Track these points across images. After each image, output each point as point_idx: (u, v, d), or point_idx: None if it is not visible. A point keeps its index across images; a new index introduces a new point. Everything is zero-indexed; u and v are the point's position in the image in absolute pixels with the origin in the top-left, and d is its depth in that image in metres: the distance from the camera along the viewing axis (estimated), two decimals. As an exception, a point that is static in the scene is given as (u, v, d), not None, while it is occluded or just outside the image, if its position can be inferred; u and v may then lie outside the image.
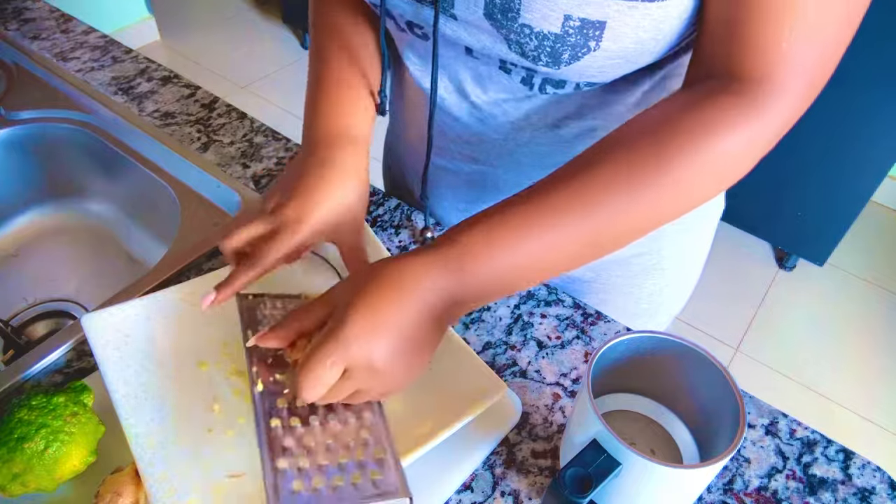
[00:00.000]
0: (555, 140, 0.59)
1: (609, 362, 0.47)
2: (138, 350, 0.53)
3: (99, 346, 0.52)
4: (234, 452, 0.48)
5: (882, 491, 0.53)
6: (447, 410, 0.50)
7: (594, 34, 0.45)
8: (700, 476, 0.42)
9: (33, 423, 0.48)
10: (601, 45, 0.45)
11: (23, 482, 0.48)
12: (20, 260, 0.87)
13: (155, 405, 0.50)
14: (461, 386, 0.52)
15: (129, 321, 0.54)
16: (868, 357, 1.84)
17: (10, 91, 0.90)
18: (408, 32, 0.55)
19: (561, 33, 0.45)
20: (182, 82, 0.93)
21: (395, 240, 0.72)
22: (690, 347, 0.45)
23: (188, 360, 0.54)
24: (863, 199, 1.76)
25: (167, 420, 0.49)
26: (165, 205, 0.79)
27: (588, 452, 0.42)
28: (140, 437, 0.48)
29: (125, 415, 0.49)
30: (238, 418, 0.51)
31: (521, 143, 0.60)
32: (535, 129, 0.59)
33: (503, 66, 0.53)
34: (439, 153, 0.67)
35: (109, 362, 0.51)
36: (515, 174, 0.63)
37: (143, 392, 0.51)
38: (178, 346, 0.54)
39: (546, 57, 0.47)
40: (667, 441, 0.51)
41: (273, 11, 3.06)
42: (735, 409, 0.42)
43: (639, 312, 0.75)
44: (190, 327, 0.55)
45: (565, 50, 0.46)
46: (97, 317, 0.54)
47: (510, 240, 0.43)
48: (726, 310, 1.92)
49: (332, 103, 0.57)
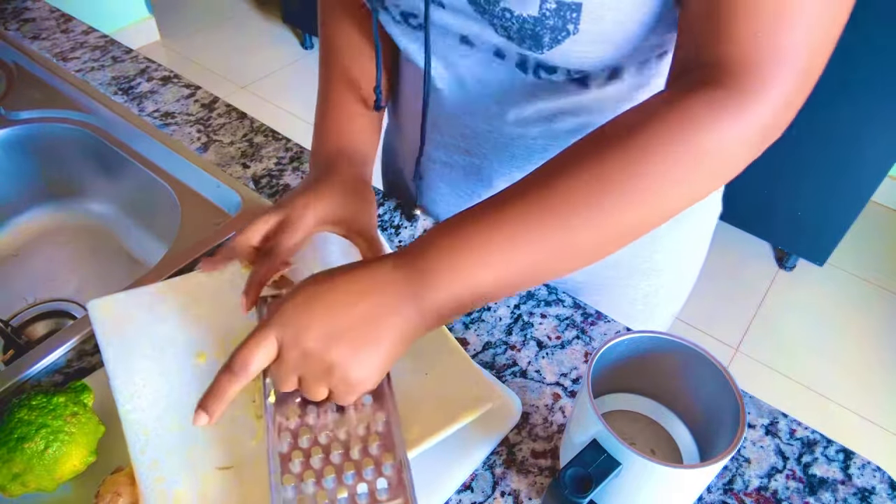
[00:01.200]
0: (548, 134, 0.59)
1: (609, 362, 0.47)
2: (140, 338, 0.54)
3: (102, 331, 0.53)
4: (225, 445, 0.49)
5: (882, 491, 0.53)
6: (437, 416, 0.49)
7: (571, 16, 0.45)
8: (700, 476, 0.42)
9: (33, 423, 0.49)
10: (580, 28, 0.46)
11: (23, 482, 0.48)
12: (20, 260, 0.87)
13: (152, 393, 0.51)
14: (453, 391, 0.51)
15: (133, 308, 0.55)
16: (868, 357, 1.84)
17: (10, 91, 0.90)
18: (403, 24, 0.56)
19: (539, 16, 0.45)
20: (182, 82, 0.93)
21: (395, 240, 0.72)
22: (690, 347, 0.45)
23: (188, 350, 0.54)
24: (863, 199, 1.76)
25: (162, 409, 0.50)
26: (165, 205, 0.79)
27: (588, 452, 0.42)
28: (134, 424, 0.49)
29: (122, 401, 0.50)
30: (233, 411, 0.51)
31: (514, 136, 0.61)
32: (529, 122, 0.59)
33: (498, 52, 0.53)
34: (434, 145, 0.67)
35: (111, 348, 0.53)
36: (508, 167, 0.64)
37: (141, 380, 0.51)
38: (180, 336, 0.55)
39: (529, 40, 0.47)
40: (667, 441, 0.51)
41: (273, 11, 3.06)
42: (735, 409, 0.42)
43: (634, 314, 0.74)
44: (193, 318, 0.56)
45: (545, 33, 0.46)
46: (102, 303, 0.55)
47: (472, 266, 0.41)
48: (726, 310, 1.92)
49: (337, 126, 0.60)
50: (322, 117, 0.62)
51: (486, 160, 0.64)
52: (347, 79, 0.62)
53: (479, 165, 0.66)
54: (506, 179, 0.65)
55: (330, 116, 0.61)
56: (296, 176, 0.79)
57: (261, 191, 0.77)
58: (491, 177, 0.66)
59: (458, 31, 0.53)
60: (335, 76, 0.62)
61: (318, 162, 0.59)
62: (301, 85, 2.65)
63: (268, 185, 0.78)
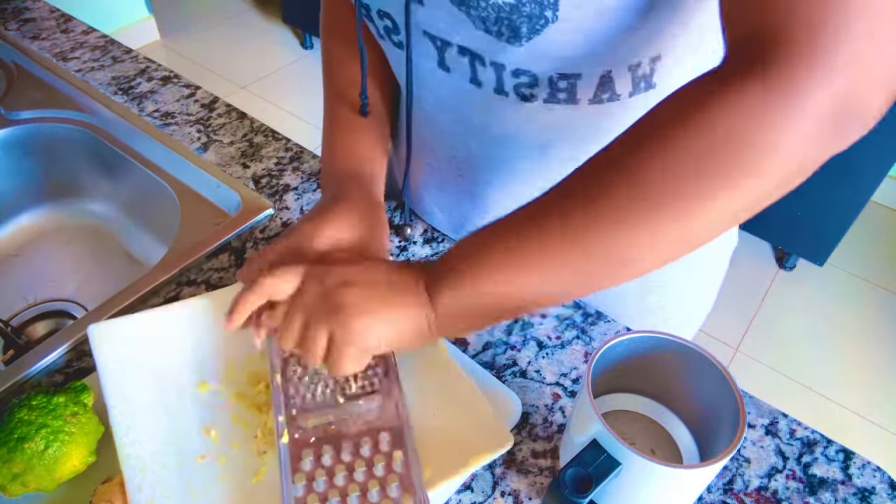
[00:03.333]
0: (542, 161, 0.57)
1: (609, 362, 0.47)
2: (141, 364, 0.52)
3: (102, 358, 0.51)
4: (224, 483, 0.48)
5: (882, 491, 0.53)
6: (449, 459, 0.47)
7: (549, 2, 0.42)
8: (700, 476, 0.42)
9: (33, 423, 0.48)
10: (559, 16, 0.43)
11: (23, 482, 0.48)
12: (20, 260, 0.87)
13: (150, 425, 0.49)
14: (466, 434, 0.49)
15: (135, 333, 0.53)
16: (868, 357, 1.84)
17: (10, 91, 0.90)
18: (386, 40, 0.55)
19: (515, 2, 0.42)
20: (182, 82, 0.93)
21: (396, 240, 0.72)
22: (690, 347, 0.45)
23: (190, 379, 0.53)
24: (863, 199, 1.76)
25: (161, 443, 0.49)
26: (165, 205, 0.79)
27: (588, 452, 0.42)
28: (131, 459, 0.47)
29: (120, 433, 0.48)
30: (233, 445, 0.50)
31: (504, 159, 0.58)
32: (521, 147, 0.56)
33: (473, 79, 0.51)
34: (428, 169, 0.65)
35: (111, 376, 0.51)
36: (501, 193, 0.62)
37: (140, 410, 0.50)
38: (182, 363, 0.53)
39: (506, 30, 0.45)
40: (667, 441, 0.51)
41: (273, 11, 3.06)
42: (735, 409, 0.42)
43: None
44: (196, 344, 0.54)
45: (522, 22, 0.44)
46: (104, 327, 0.53)
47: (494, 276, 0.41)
48: (726, 310, 1.92)
49: (343, 144, 0.60)
50: (329, 135, 0.61)
51: (479, 185, 0.62)
52: (347, 92, 0.61)
53: (472, 191, 0.63)
54: (502, 208, 0.62)
55: (337, 135, 0.60)
56: (296, 176, 0.79)
57: (261, 191, 0.77)
58: (486, 204, 0.64)
59: (435, 32, 0.49)
60: (336, 91, 0.61)
61: (328, 185, 0.58)
62: (301, 85, 2.65)
63: (268, 185, 0.78)
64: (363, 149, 0.60)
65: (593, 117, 0.52)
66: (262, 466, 0.49)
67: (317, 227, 0.51)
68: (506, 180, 0.60)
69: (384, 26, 0.53)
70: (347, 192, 0.55)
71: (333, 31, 0.63)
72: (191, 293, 0.66)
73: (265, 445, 0.50)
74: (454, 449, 0.48)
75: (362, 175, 0.58)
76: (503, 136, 0.56)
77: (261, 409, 0.52)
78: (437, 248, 0.72)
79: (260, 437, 0.50)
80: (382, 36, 0.55)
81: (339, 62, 0.62)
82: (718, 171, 0.35)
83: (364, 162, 0.59)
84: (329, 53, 0.63)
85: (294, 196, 0.76)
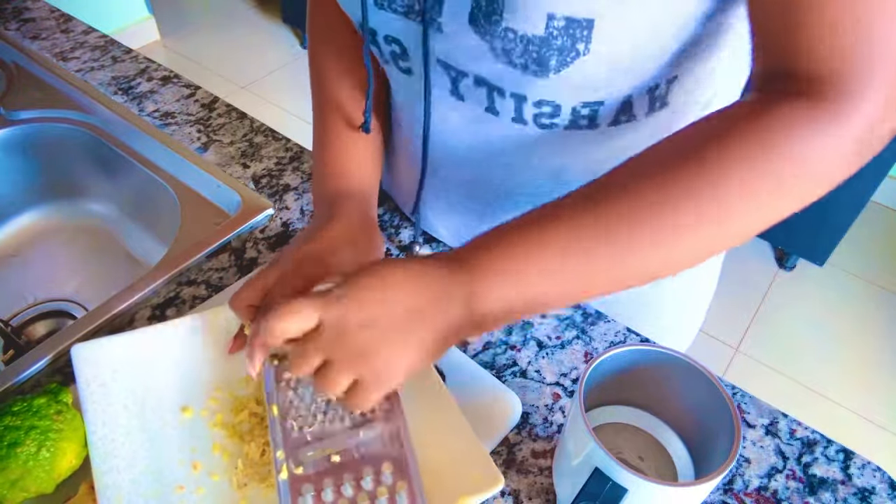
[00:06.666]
0: (557, 183, 0.56)
1: (599, 376, 0.46)
2: (124, 388, 0.51)
3: (84, 382, 0.51)
4: None
5: (882, 491, 0.53)
6: (436, 495, 0.46)
7: (582, 34, 0.41)
8: (701, 490, 0.41)
9: (21, 428, 0.48)
10: (591, 49, 0.42)
11: (23, 487, 0.47)
12: (20, 260, 0.87)
13: (130, 452, 0.49)
14: (456, 471, 0.47)
15: (119, 355, 0.52)
16: (868, 357, 1.84)
17: (10, 91, 0.90)
18: (392, 65, 0.53)
19: (545, 35, 0.41)
20: (182, 82, 0.93)
21: (396, 240, 0.72)
22: (678, 358, 0.45)
23: (173, 404, 0.52)
24: (863, 199, 1.76)
25: (139, 472, 0.48)
26: (165, 205, 0.79)
27: (592, 483, 0.41)
28: (108, 489, 0.46)
29: (98, 461, 0.47)
30: (212, 476, 0.49)
31: (516, 183, 0.57)
32: (535, 172, 0.56)
33: (490, 108, 0.50)
34: (435, 191, 0.64)
35: (92, 400, 0.50)
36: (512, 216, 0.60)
37: (120, 436, 0.49)
38: (165, 387, 0.52)
39: (533, 64, 0.44)
40: (655, 446, 0.50)
41: (273, 11, 3.06)
42: (728, 416, 0.42)
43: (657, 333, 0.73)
44: (180, 367, 0.53)
45: (552, 55, 0.42)
46: (87, 348, 0.52)
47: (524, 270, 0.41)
48: (726, 310, 1.92)
49: (334, 161, 0.59)
50: (321, 151, 0.60)
51: (490, 207, 0.61)
52: (340, 107, 0.60)
53: (481, 213, 0.62)
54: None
55: (329, 151, 0.59)
56: (296, 176, 0.79)
57: (261, 191, 0.77)
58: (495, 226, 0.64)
59: (451, 62, 0.48)
60: (328, 106, 0.60)
61: (321, 202, 0.57)
62: (301, 85, 2.65)
63: (268, 185, 0.78)
64: (357, 167, 0.59)
65: (608, 138, 0.52)
66: (240, 501, 0.48)
67: (311, 252, 0.51)
68: (518, 202, 0.59)
69: (391, 51, 0.52)
70: (343, 212, 0.55)
71: (325, 42, 0.61)
72: (191, 293, 0.66)
73: (246, 477, 0.49)
74: (442, 487, 0.46)
75: (357, 194, 0.57)
76: (517, 162, 0.55)
77: (243, 438, 0.51)
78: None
79: (241, 468, 0.49)
80: (388, 61, 0.53)
81: (334, 75, 0.61)
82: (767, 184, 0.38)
83: (359, 180, 0.58)
84: (320, 65, 0.62)
85: (294, 196, 0.76)
